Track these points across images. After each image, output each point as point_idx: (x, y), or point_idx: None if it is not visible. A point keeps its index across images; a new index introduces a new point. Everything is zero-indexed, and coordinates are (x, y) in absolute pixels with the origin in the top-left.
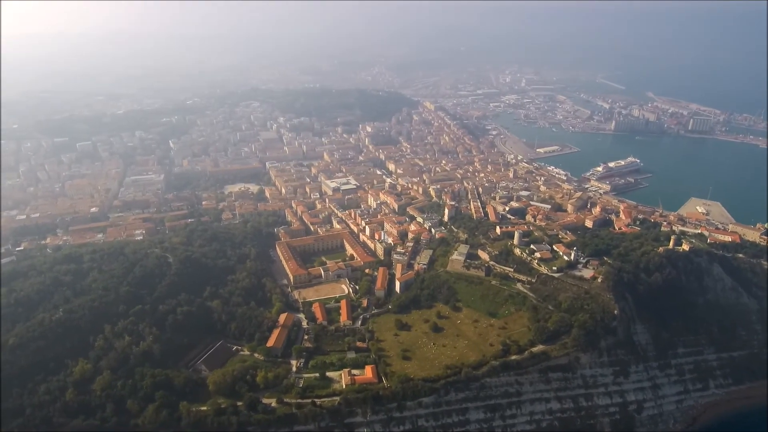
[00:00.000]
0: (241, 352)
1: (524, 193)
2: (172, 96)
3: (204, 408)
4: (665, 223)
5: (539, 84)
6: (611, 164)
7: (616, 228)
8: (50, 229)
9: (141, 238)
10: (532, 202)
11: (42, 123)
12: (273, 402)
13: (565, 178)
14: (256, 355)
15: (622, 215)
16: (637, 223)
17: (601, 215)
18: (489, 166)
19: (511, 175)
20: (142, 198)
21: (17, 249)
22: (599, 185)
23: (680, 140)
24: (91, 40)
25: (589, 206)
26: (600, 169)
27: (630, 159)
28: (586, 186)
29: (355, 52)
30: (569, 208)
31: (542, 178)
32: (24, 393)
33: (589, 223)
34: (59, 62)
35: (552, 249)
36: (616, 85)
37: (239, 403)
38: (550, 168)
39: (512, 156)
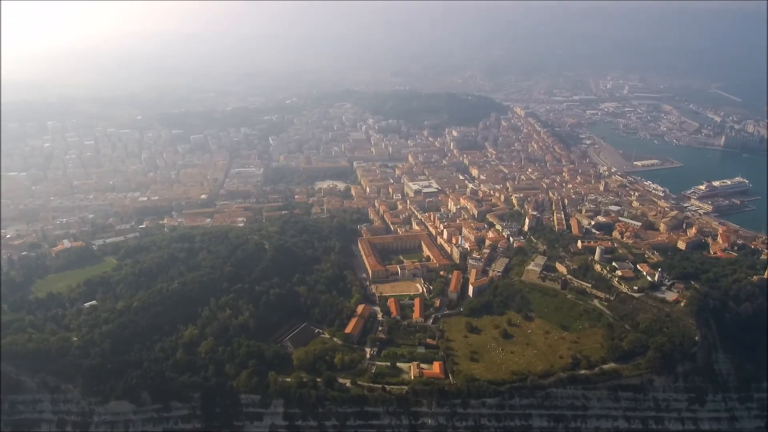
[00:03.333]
0: (322, 335)
1: (614, 207)
2: (273, 95)
3: (288, 379)
4: (766, 250)
5: (643, 92)
6: (716, 183)
7: (711, 252)
8: (167, 211)
9: (242, 225)
10: (621, 218)
11: (162, 116)
12: (347, 383)
13: (662, 195)
14: (334, 339)
15: (719, 239)
16: (735, 248)
17: (696, 237)
18: (578, 177)
19: (601, 187)
20: (244, 189)
21: (140, 226)
22: (700, 205)
23: None
24: (204, 39)
25: (684, 226)
26: (703, 187)
27: (737, 179)
28: (685, 205)
29: (447, 55)
30: (662, 227)
31: (636, 194)
32: (143, 349)
33: (681, 245)
34: (176, 59)
35: (635, 268)
36: (732, 96)
37: (318, 379)
38: (647, 183)
39: (605, 168)
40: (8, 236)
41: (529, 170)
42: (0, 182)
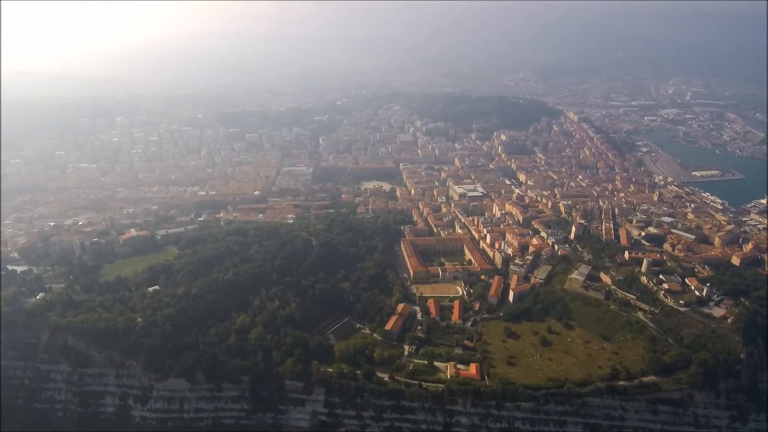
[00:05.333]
0: (363, 330)
1: (667, 219)
2: (325, 95)
3: (330, 369)
4: None
5: (707, 98)
6: None
7: (767, 269)
8: (222, 205)
9: (291, 221)
10: (674, 230)
11: (220, 114)
12: (386, 377)
13: (720, 208)
14: (374, 334)
15: None
16: None
17: (751, 253)
18: (631, 186)
19: (655, 197)
20: (294, 187)
21: (199, 219)
22: (760, 219)
23: None
24: (265, 40)
25: (740, 242)
26: (764, 201)
27: None
28: (744, 219)
29: (498, 57)
30: (716, 241)
31: (692, 205)
32: (199, 332)
33: (735, 260)
34: (236, 59)
35: (683, 282)
36: None
37: (358, 372)
38: (705, 194)
39: (661, 177)
40: (80, 223)
41: (580, 177)
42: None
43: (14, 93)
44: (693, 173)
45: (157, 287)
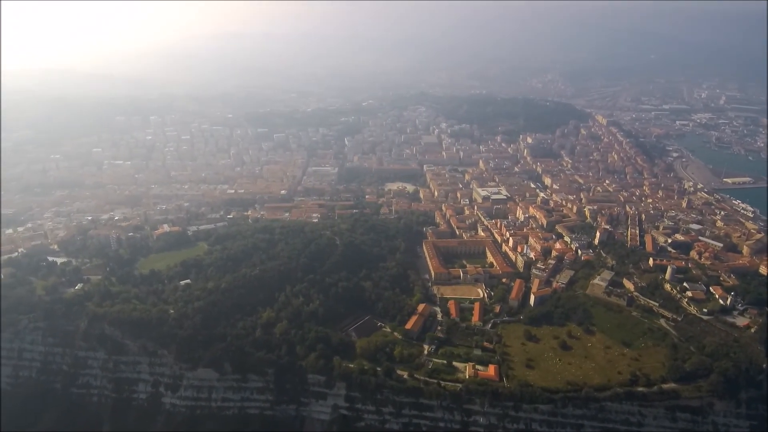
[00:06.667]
0: (384, 329)
1: (695, 226)
2: (351, 96)
3: (351, 365)
4: None
5: (742, 103)
6: None
7: None
8: (250, 203)
9: (316, 220)
10: (701, 238)
11: (249, 114)
12: (405, 375)
13: (751, 216)
14: (395, 333)
15: None
16: None
17: None
18: (660, 192)
19: (684, 204)
20: (319, 187)
21: (228, 216)
22: None
23: None
24: (292, 40)
25: None
26: None
27: None
28: None
29: (527, 58)
30: (745, 249)
31: (722, 213)
32: (227, 325)
33: (763, 270)
34: (265, 60)
35: (708, 290)
36: None
37: (378, 369)
38: (736, 202)
39: (691, 183)
40: (116, 218)
41: (607, 182)
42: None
43: (53, 92)
44: (724, 180)
45: (188, 281)
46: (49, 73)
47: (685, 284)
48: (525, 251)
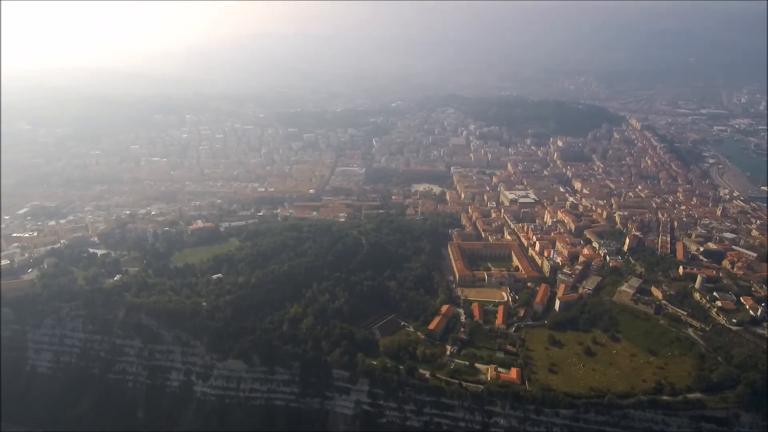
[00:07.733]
0: (407, 328)
1: (729, 235)
2: (380, 97)
3: (374, 362)
4: None
5: None
6: None
7: None
8: (280, 202)
9: (343, 220)
10: (735, 247)
11: (280, 114)
12: (427, 374)
13: None
14: (418, 333)
15: None
16: None
17: None
18: (694, 199)
19: (718, 212)
20: (346, 186)
21: (258, 214)
22: None
23: None
24: (323, 41)
25: None
26: None
27: None
28: None
29: (561, 59)
30: None
31: (758, 222)
32: (256, 319)
33: None
34: (297, 60)
35: (738, 300)
36: None
37: (401, 367)
38: None
39: (726, 191)
40: (153, 213)
41: (639, 187)
42: None
43: (90, 89)
44: (762, 188)
45: (220, 275)
46: (82, 71)
47: (714, 294)
48: (551, 256)
